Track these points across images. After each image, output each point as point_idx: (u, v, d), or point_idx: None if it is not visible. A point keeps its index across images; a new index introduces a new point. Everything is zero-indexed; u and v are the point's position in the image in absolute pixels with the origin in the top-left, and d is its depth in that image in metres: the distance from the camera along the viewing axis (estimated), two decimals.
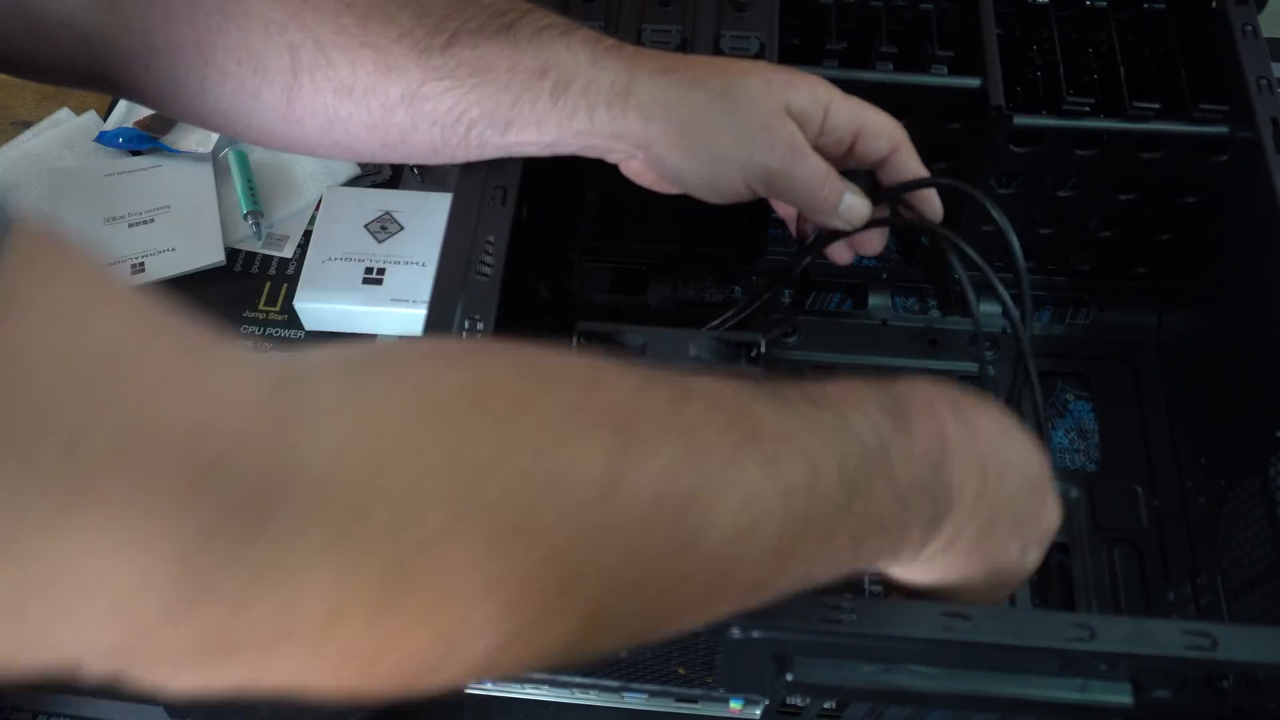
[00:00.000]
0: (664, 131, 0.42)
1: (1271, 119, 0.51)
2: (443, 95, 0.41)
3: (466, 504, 0.24)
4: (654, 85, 0.41)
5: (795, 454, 0.30)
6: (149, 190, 0.73)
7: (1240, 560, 0.51)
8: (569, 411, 0.26)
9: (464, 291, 0.46)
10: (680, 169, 0.43)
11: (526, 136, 0.42)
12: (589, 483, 0.25)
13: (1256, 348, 0.52)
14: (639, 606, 0.28)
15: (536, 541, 0.24)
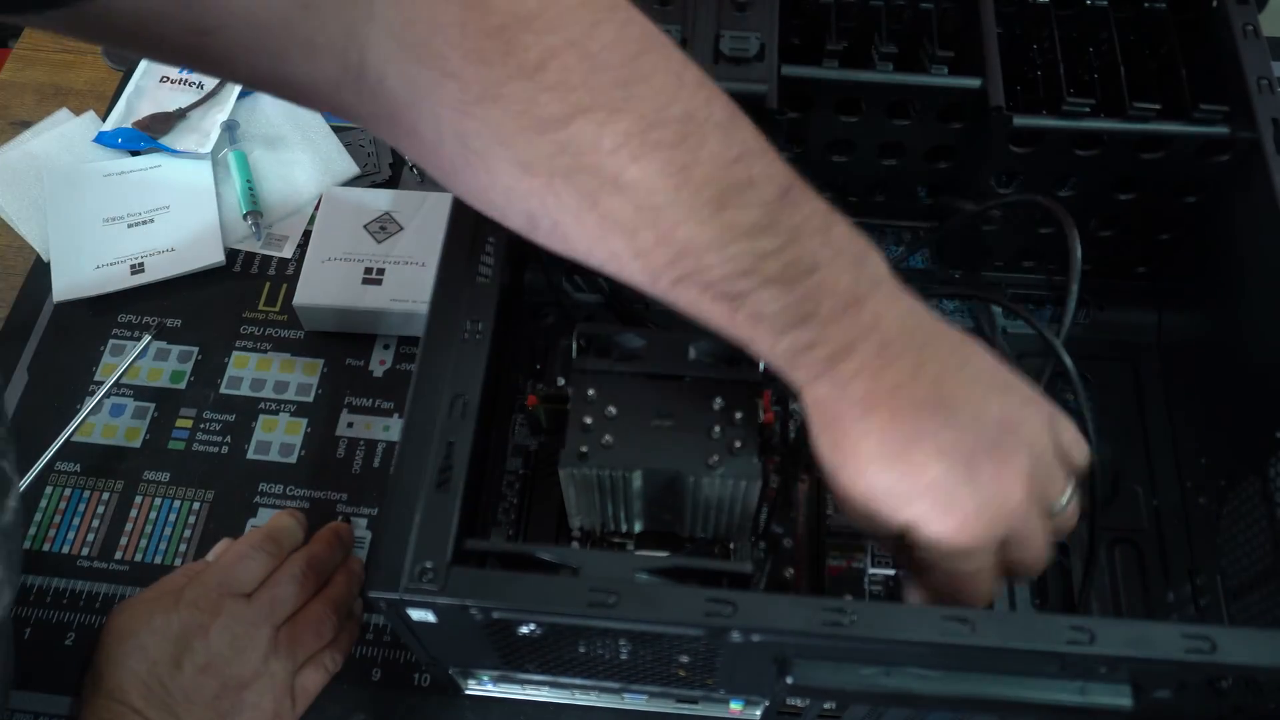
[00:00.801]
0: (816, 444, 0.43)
1: (1272, 119, 0.51)
2: (670, 302, 0.42)
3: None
4: (807, 410, 0.42)
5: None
6: (148, 190, 0.73)
7: (1240, 560, 0.51)
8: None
9: (464, 292, 0.46)
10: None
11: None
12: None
13: (1256, 348, 0.52)
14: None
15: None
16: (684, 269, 0.39)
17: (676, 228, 0.39)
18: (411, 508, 0.40)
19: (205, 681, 0.49)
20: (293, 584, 0.53)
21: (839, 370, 0.40)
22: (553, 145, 0.39)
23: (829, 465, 0.42)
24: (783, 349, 0.40)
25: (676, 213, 0.39)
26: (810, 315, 0.39)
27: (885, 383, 0.40)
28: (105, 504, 0.62)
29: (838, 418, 0.41)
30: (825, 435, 0.42)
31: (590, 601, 0.38)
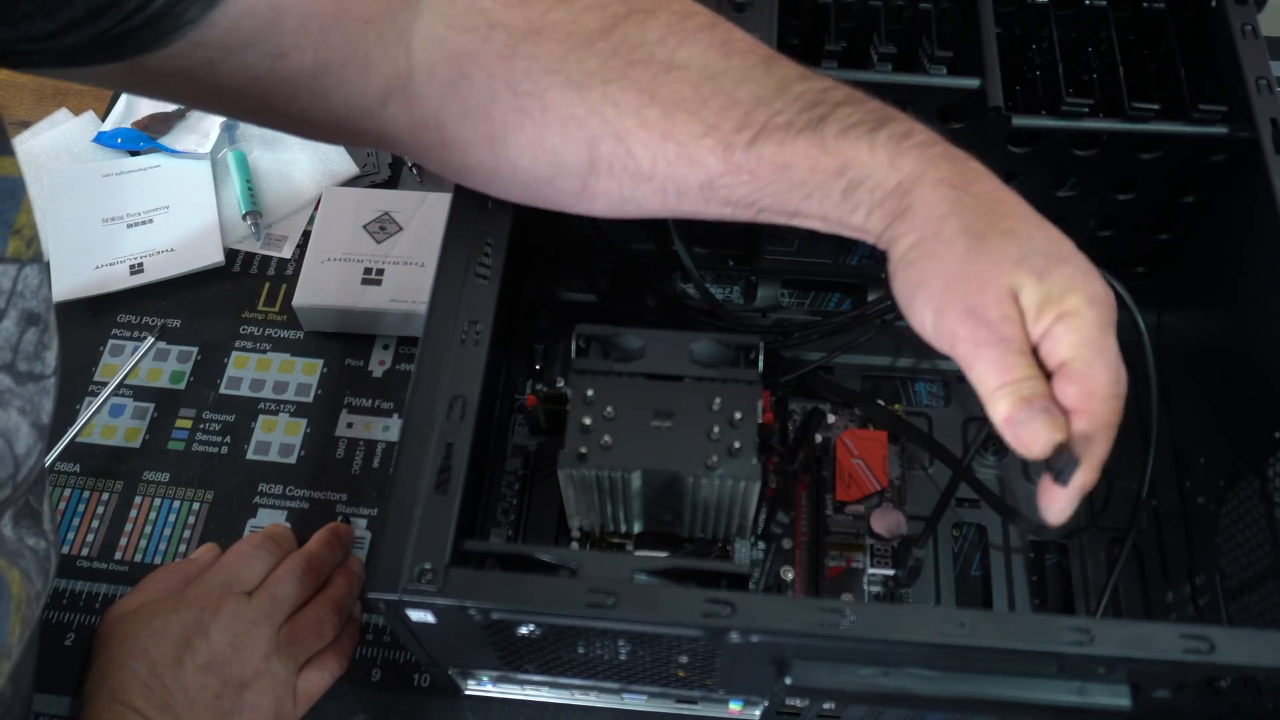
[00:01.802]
0: (910, 247, 0.40)
1: (1270, 119, 0.51)
2: (740, 185, 0.42)
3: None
4: (933, 197, 0.39)
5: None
6: (148, 191, 0.73)
7: (1239, 560, 0.51)
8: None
9: (463, 292, 0.46)
10: (898, 281, 0.42)
11: (808, 224, 0.43)
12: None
13: (1256, 348, 0.52)
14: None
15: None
16: (758, 122, 0.41)
17: (738, 88, 0.41)
18: (410, 509, 0.40)
19: (206, 680, 0.50)
20: (293, 582, 0.54)
21: (947, 150, 0.40)
22: (602, 54, 0.41)
23: (973, 237, 0.38)
24: (883, 145, 0.40)
25: (733, 75, 0.41)
26: (893, 116, 0.41)
27: (985, 167, 0.41)
28: (105, 504, 0.62)
29: (970, 183, 0.40)
30: (962, 205, 0.39)
31: (589, 602, 0.38)
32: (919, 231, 0.39)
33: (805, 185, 0.41)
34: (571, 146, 0.42)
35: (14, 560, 0.39)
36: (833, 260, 0.62)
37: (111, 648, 0.51)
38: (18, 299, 0.37)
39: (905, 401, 0.63)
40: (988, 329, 0.37)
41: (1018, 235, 0.38)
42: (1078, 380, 0.37)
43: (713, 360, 0.49)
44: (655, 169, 0.42)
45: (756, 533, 0.56)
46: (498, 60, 0.42)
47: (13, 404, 0.37)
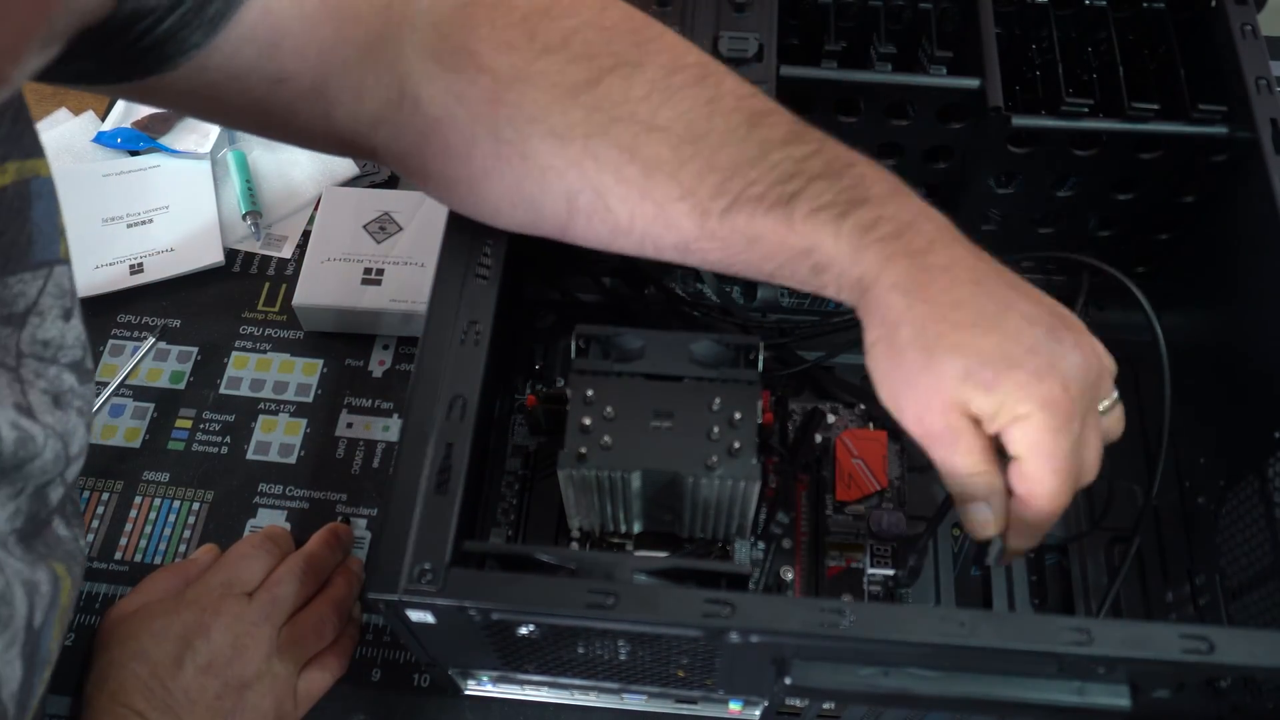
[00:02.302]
0: (870, 341, 0.41)
1: (1270, 119, 0.51)
2: (714, 250, 0.42)
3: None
4: (887, 303, 0.40)
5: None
6: (148, 190, 0.73)
7: (1239, 560, 0.51)
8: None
9: (463, 292, 0.46)
10: (866, 358, 0.42)
11: (783, 285, 0.44)
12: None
13: (1256, 348, 0.52)
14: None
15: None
16: (733, 191, 0.41)
17: (717, 153, 0.41)
18: (410, 509, 0.40)
19: (207, 681, 0.50)
20: (293, 582, 0.54)
21: (910, 242, 0.40)
22: (585, 107, 0.41)
23: (921, 350, 0.39)
24: (847, 234, 0.40)
25: (714, 139, 0.41)
26: (864, 199, 0.40)
27: (958, 252, 0.40)
28: (105, 504, 0.62)
29: (924, 287, 0.39)
30: (913, 313, 0.39)
31: (589, 602, 0.38)
32: (876, 331, 0.41)
33: (775, 259, 0.41)
34: (549, 197, 0.43)
35: (69, 564, 0.39)
36: None
37: (111, 649, 0.51)
38: (76, 298, 0.38)
39: None
40: (935, 434, 0.40)
41: (965, 350, 0.39)
42: (1025, 480, 0.40)
43: (712, 360, 0.49)
44: (633, 225, 0.42)
45: (756, 533, 0.56)
46: (482, 104, 0.42)
47: (73, 404, 0.38)
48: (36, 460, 0.36)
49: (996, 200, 0.59)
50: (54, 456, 0.37)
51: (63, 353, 0.37)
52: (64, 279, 0.37)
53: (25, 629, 0.36)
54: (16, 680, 0.35)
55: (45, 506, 0.38)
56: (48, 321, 0.37)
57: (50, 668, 0.39)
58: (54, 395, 0.37)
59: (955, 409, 0.39)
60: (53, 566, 0.38)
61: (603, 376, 0.48)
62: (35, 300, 0.36)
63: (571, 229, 0.44)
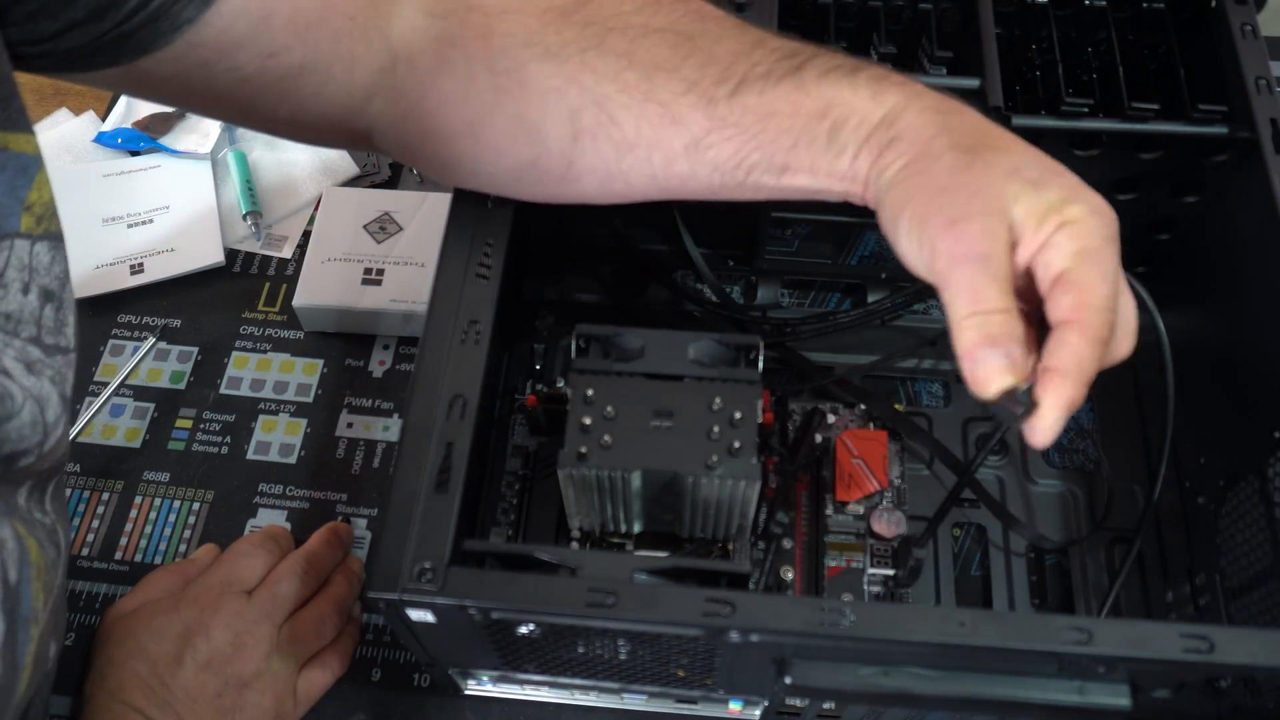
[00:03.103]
0: (898, 170, 0.38)
1: (1270, 119, 0.51)
2: (726, 142, 0.41)
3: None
4: (920, 122, 0.38)
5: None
6: (148, 191, 0.73)
7: (1239, 560, 0.51)
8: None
9: (463, 292, 0.46)
10: (885, 207, 0.39)
11: (800, 181, 0.41)
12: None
13: (1256, 348, 0.52)
14: None
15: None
16: (739, 73, 0.41)
17: (715, 45, 0.41)
18: (410, 508, 0.40)
19: (207, 679, 0.50)
20: (293, 581, 0.54)
21: (924, 89, 0.40)
22: (578, 25, 0.42)
23: (962, 152, 0.37)
24: (864, 84, 0.40)
25: (710, 35, 0.42)
26: (866, 64, 0.41)
27: (965, 105, 0.40)
28: (105, 504, 0.62)
29: (955, 112, 0.39)
30: (949, 129, 0.38)
31: (589, 602, 0.38)
32: (907, 155, 0.38)
33: (790, 132, 0.40)
34: (553, 120, 0.42)
35: (29, 529, 0.39)
36: (833, 260, 0.62)
37: (111, 647, 0.51)
38: (39, 276, 0.37)
39: (905, 402, 0.63)
40: (967, 242, 0.35)
41: (1010, 151, 0.37)
42: (1074, 290, 0.35)
43: (712, 360, 0.49)
44: (639, 134, 0.42)
45: (756, 532, 0.56)
46: (475, 40, 0.42)
47: (44, 373, 0.38)
48: (14, 420, 0.36)
49: None
50: (31, 420, 0.37)
51: (22, 327, 0.37)
52: (25, 254, 0.37)
53: (2, 582, 0.35)
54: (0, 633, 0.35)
55: (9, 469, 0.38)
56: (11, 294, 0.36)
57: (37, 628, 0.38)
58: (26, 363, 0.37)
59: (997, 212, 0.35)
60: (13, 525, 0.38)
61: (603, 376, 0.48)
62: (2, 270, 0.36)
63: (577, 159, 0.43)
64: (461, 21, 0.42)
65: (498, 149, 0.44)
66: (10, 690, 0.36)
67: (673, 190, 0.44)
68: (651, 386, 0.48)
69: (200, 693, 0.49)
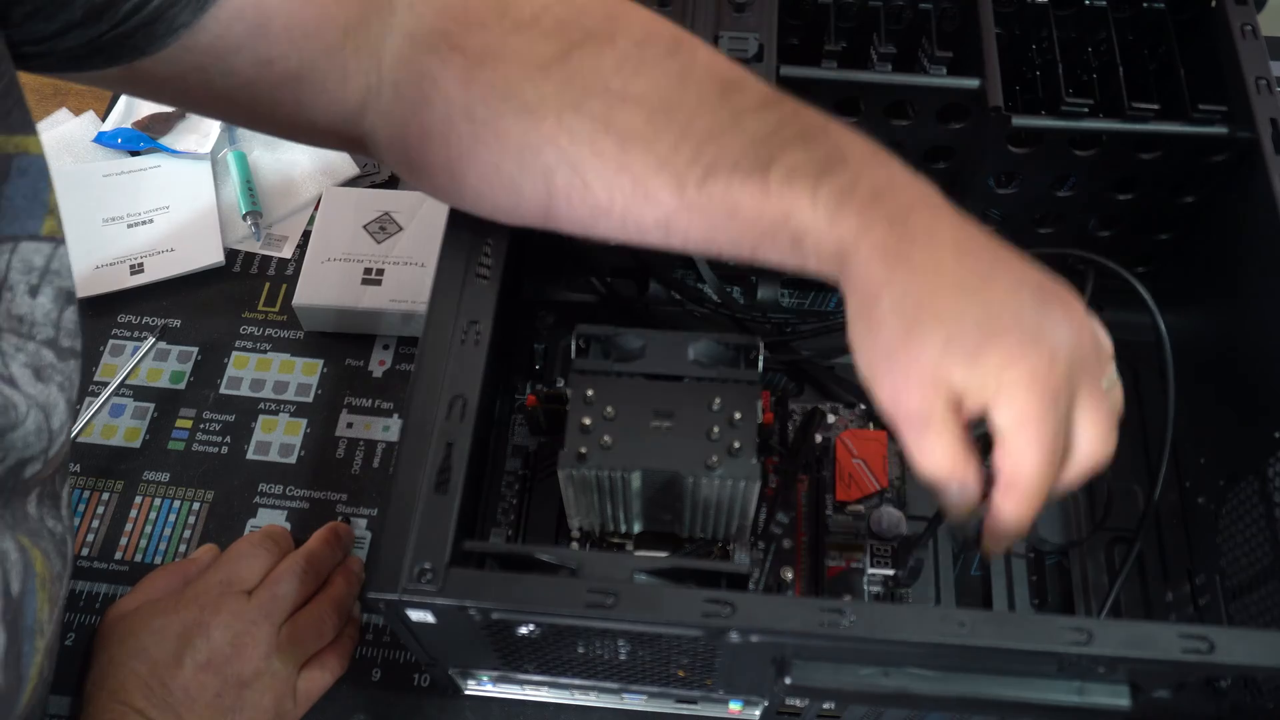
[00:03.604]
0: (852, 308, 0.40)
1: (1270, 119, 0.51)
2: (695, 225, 0.41)
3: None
4: (867, 271, 0.38)
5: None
6: (148, 191, 0.73)
7: (1239, 560, 0.51)
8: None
9: (463, 292, 0.46)
10: (848, 329, 0.41)
11: (769, 264, 0.42)
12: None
13: (1256, 348, 0.52)
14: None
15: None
16: (709, 159, 0.40)
17: (691, 121, 0.41)
18: (410, 509, 0.40)
19: (206, 679, 0.50)
20: (293, 580, 0.54)
21: (891, 207, 0.38)
22: (557, 82, 0.41)
23: (901, 319, 0.38)
24: (824, 199, 0.38)
25: (687, 108, 0.41)
26: (841, 161, 0.39)
27: (940, 216, 0.39)
28: (105, 504, 0.62)
29: (904, 254, 0.38)
30: (893, 281, 0.38)
31: (589, 602, 0.38)
32: (856, 302, 0.39)
33: (754, 231, 0.40)
34: (528, 176, 0.42)
35: (35, 540, 0.39)
36: None
37: (111, 647, 0.51)
38: (53, 276, 0.38)
39: None
40: (905, 410, 0.38)
41: (946, 319, 0.37)
42: (1009, 459, 0.38)
43: (712, 360, 0.49)
44: (613, 202, 0.42)
45: (756, 533, 0.56)
46: (455, 84, 0.42)
47: (54, 379, 0.38)
48: (18, 430, 0.36)
49: (996, 200, 0.59)
50: (36, 428, 0.37)
51: (36, 329, 0.37)
52: (34, 256, 0.37)
53: (3, 595, 0.36)
54: (0, 646, 0.35)
55: (17, 479, 0.38)
56: (18, 296, 0.36)
57: (42, 639, 0.38)
58: (35, 369, 0.37)
59: (934, 385, 0.37)
60: (18, 539, 0.38)
61: (603, 376, 0.48)
62: (4, 274, 0.36)
63: (553, 212, 0.43)
64: (444, 61, 0.42)
65: (477, 191, 0.44)
66: (13, 701, 0.36)
67: (653, 248, 0.44)
68: (651, 387, 0.48)
69: (200, 693, 0.49)
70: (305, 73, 0.42)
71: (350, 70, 0.42)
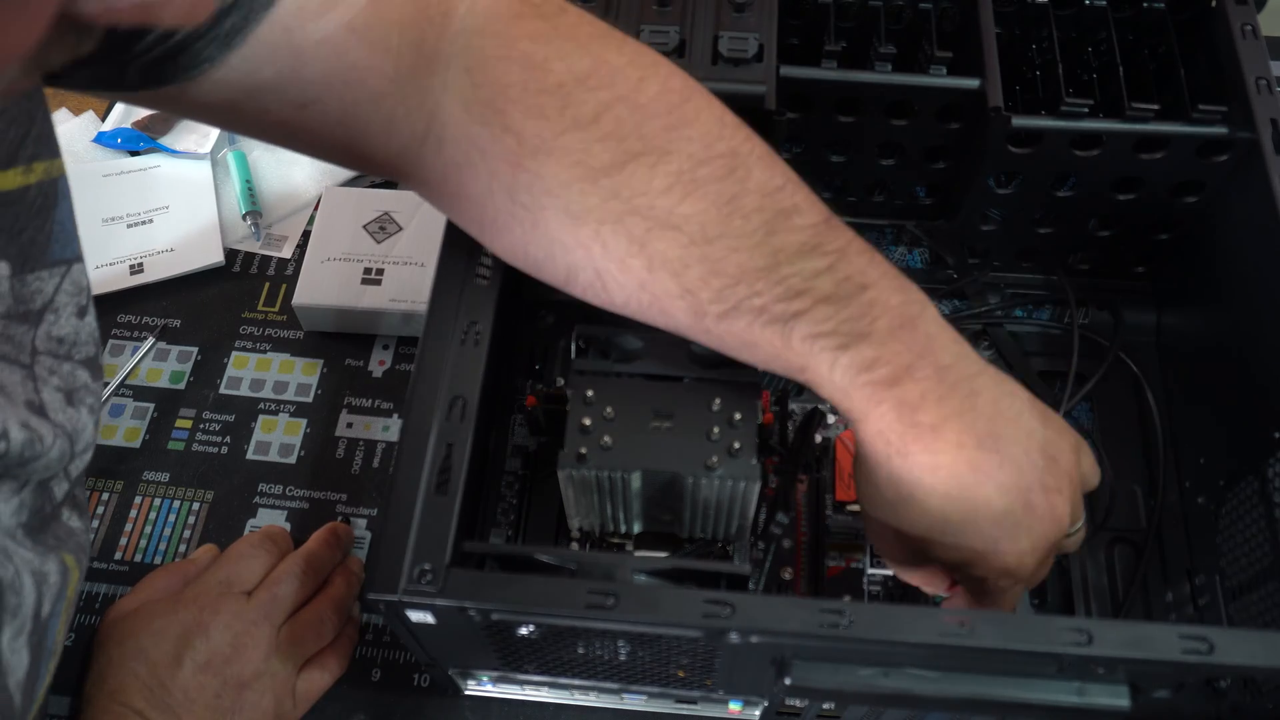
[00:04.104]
0: (858, 453, 0.43)
1: (1270, 119, 0.51)
2: (709, 343, 0.43)
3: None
4: (870, 448, 0.41)
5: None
6: (148, 191, 0.73)
7: (1238, 561, 0.51)
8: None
9: (463, 292, 0.46)
10: (854, 473, 0.45)
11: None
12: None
13: (1255, 348, 0.52)
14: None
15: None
16: (735, 298, 0.40)
17: (727, 258, 0.40)
18: (410, 509, 0.40)
19: (206, 680, 0.50)
20: (293, 581, 0.54)
21: (903, 393, 0.39)
22: (604, 192, 0.40)
23: (889, 499, 0.42)
24: (842, 370, 0.39)
25: (727, 243, 0.40)
26: (867, 333, 0.39)
27: (949, 410, 0.40)
28: (105, 504, 0.62)
29: (903, 451, 0.40)
30: (886, 468, 0.41)
31: (589, 603, 0.38)
32: (861, 451, 0.42)
33: (770, 364, 0.42)
34: (550, 265, 0.43)
35: (79, 555, 0.39)
36: None
37: (111, 648, 0.51)
38: (90, 295, 0.38)
39: None
40: (907, 576, 0.48)
41: (932, 516, 0.41)
42: (980, 601, 0.45)
43: (713, 360, 0.49)
44: (628, 307, 0.43)
45: (756, 533, 0.56)
46: (503, 163, 0.41)
47: (85, 401, 0.38)
48: (41, 459, 0.36)
49: (996, 200, 0.59)
50: (59, 455, 0.37)
51: (76, 349, 0.37)
52: (81, 276, 0.38)
53: (33, 618, 0.36)
54: (23, 669, 0.35)
55: (50, 500, 0.38)
56: (63, 318, 0.37)
57: (55, 659, 0.39)
58: (67, 392, 0.37)
59: (915, 555, 0.44)
60: (63, 558, 0.38)
61: (603, 376, 0.48)
62: (51, 297, 0.36)
63: (569, 290, 0.44)
64: (495, 138, 0.41)
65: (505, 252, 0.45)
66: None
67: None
68: (651, 387, 0.48)
69: (199, 694, 0.49)
70: (348, 119, 0.40)
71: (397, 117, 0.41)
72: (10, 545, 0.35)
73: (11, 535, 0.36)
